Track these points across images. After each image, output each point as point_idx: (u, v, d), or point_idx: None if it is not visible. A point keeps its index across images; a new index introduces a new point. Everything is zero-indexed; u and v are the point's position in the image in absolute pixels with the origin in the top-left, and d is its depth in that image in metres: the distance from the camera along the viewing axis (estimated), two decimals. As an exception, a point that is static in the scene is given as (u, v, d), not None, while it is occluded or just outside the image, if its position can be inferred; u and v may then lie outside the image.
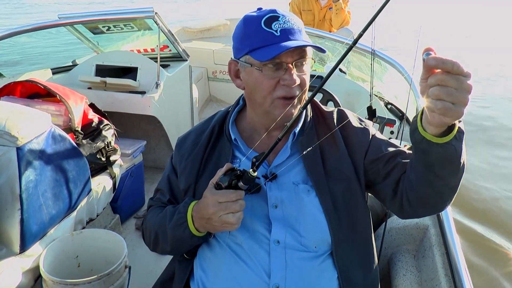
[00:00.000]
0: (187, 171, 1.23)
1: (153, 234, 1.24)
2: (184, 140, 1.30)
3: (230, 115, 1.25)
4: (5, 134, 1.58)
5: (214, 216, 1.02)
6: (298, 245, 1.12)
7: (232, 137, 1.20)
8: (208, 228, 1.08)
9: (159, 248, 1.26)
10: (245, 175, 1.02)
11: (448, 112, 0.79)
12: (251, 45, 1.08)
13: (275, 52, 1.03)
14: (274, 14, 1.07)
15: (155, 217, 1.25)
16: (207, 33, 5.35)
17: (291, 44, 1.04)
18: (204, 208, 1.04)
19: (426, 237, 1.64)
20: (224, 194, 1.02)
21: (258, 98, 1.13)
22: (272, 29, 1.06)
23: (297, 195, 1.13)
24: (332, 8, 4.73)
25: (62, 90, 2.24)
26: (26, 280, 1.68)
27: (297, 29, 1.08)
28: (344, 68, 3.24)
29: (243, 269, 1.11)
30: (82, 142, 2.19)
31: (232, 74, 1.19)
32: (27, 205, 1.64)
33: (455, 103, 0.78)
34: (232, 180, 1.04)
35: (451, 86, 0.77)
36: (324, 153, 1.17)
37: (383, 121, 2.39)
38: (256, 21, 1.07)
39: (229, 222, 1.01)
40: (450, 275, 1.38)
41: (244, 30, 1.10)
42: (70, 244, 1.86)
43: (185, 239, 1.13)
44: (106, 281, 1.66)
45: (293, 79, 1.07)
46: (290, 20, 1.08)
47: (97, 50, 3.47)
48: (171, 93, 3.06)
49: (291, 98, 1.10)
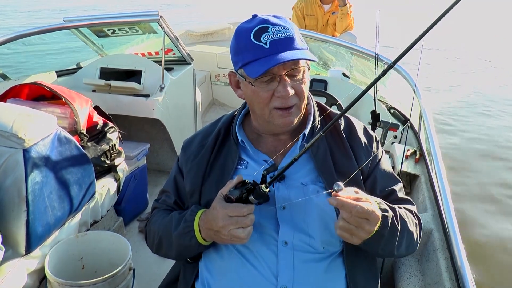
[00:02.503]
0: (193, 173, 1.24)
1: (157, 238, 1.24)
2: (190, 143, 1.31)
3: (237, 118, 1.26)
4: (12, 136, 1.59)
5: (223, 229, 1.02)
6: (306, 246, 1.12)
7: (239, 139, 1.21)
8: (216, 239, 1.09)
9: (163, 252, 1.27)
10: (257, 190, 1.01)
11: (346, 239, 1.00)
12: (243, 59, 1.09)
13: (263, 68, 1.04)
14: (263, 26, 1.06)
15: (160, 221, 1.25)
16: (211, 36, 5.38)
17: (280, 59, 1.03)
18: (214, 220, 1.04)
19: (430, 241, 1.64)
20: (235, 209, 1.02)
21: (256, 109, 1.16)
22: (262, 41, 1.05)
23: (305, 196, 1.13)
24: (336, 12, 4.74)
25: (67, 92, 2.26)
26: (31, 282, 1.68)
27: (288, 37, 1.07)
28: (347, 72, 3.24)
29: (250, 271, 1.11)
30: (87, 145, 2.20)
31: (233, 85, 1.20)
32: (33, 206, 1.65)
33: (352, 236, 0.98)
34: (243, 194, 1.03)
35: (352, 224, 0.96)
36: (334, 155, 1.19)
37: (387, 126, 2.40)
38: (246, 34, 1.07)
39: (239, 236, 1.02)
40: (454, 279, 1.39)
41: (236, 44, 1.11)
42: (74, 246, 1.87)
43: (192, 247, 1.15)
44: (111, 283, 1.66)
45: (287, 91, 1.07)
46: (280, 29, 1.07)
47: (102, 53, 3.49)
48: (175, 97, 3.07)
49: (288, 108, 1.11)
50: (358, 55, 3.38)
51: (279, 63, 1.03)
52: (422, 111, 2.31)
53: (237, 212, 1.01)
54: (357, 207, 0.94)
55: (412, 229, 1.15)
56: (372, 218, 0.97)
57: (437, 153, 1.91)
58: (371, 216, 0.97)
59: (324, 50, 3.95)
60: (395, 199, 1.22)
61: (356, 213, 0.94)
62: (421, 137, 2.43)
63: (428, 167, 2.09)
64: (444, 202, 1.63)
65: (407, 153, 2.33)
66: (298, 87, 1.10)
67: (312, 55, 1.10)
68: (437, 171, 1.81)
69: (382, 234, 1.03)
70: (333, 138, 1.22)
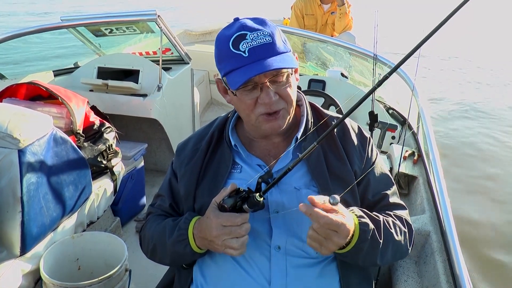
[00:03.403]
0: (187, 178, 1.22)
1: (151, 245, 1.23)
2: (184, 146, 1.30)
3: (229, 121, 1.24)
4: (7, 137, 1.58)
5: (217, 239, 1.01)
6: (299, 251, 1.11)
7: (232, 143, 1.20)
8: (210, 248, 1.08)
9: (157, 259, 1.25)
10: (251, 199, 0.99)
11: (316, 249, 1.00)
12: (224, 67, 1.07)
13: (242, 78, 1.02)
14: (241, 33, 1.04)
15: (154, 227, 1.23)
16: (209, 36, 5.36)
17: (259, 69, 1.01)
18: (207, 229, 1.03)
19: (428, 243, 1.63)
20: (229, 218, 1.00)
21: (243, 116, 1.15)
22: (240, 50, 1.03)
23: (298, 200, 1.11)
24: (335, 12, 4.73)
25: (64, 92, 2.24)
26: (26, 283, 1.67)
27: (267, 43, 1.04)
28: (346, 72, 3.23)
29: (243, 276, 1.10)
30: (84, 145, 2.19)
31: (221, 91, 1.18)
32: (28, 207, 1.64)
33: (321, 247, 0.98)
34: (237, 202, 1.01)
35: (320, 235, 0.97)
36: (328, 158, 1.17)
37: (385, 127, 2.39)
38: (225, 42, 1.05)
39: (232, 247, 1.00)
40: (451, 282, 1.38)
41: (217, 52, 1.09)
42: (70, 247, 1.86)
43: (186, 255, 1.14)
44: (107, 284, 1.65)
45: (269, 98, 1.06)
46: (259, 35, 1.03)
47: (99, 53, 3.48)
48: (172, 96, 3.06)
49: (275, 113, 1.09)
50: (356, 55, 3.37)
51: (258, 74, 1.01)
52: (420, 112, 2.30)
53: (231, 221, 0.99)
54: (325, 218, 0.95)
55: (399, 238, 1.14)
56: (341, 230, 0.97)
57: (435, 154, 1.90)
58: (340, 229, 0.97)
59: (323, 50, 3.94)
60: (386, 204, 1.21)
61: (324, 224, 0.95)
62: (419, 138, 2.42)
63: (426, 168, 2.08)
64: (442, 204, 1.62)
65: (405, 154, 2.32)
66: (283, 92, 1.08)
67: (292, 60, 1.07)
68: (435, 172, 1.80)
69: (361, 248, 1.04)
70: (327, 141, 1.19)
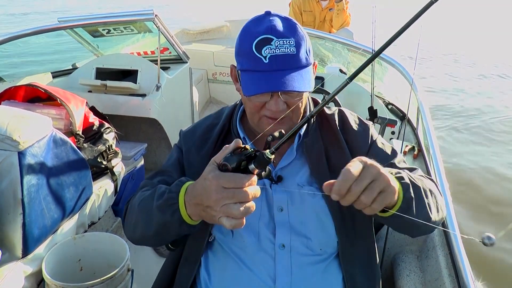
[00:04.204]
0: (197, 167, 1.16)
1: (135, 213, 1.06)
2: (191, 134, 1.25)
3: (236, 113, 1.23)
4: (7, 139, 1.58)
5: (215, 204, 0.80)
6: (303, 249, 1.11)
7: (241, 135, 1.18)
8: (205, 217, 0.88)
9: (139, 231, 1.06)
10: (259, 156, 0.81)
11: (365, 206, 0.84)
12: (242, 64, 1.05)
13: (256, 89, 1.01)
14: (267, 36, 1.01)
15: (144, 195, 1.07)
16: (207, 35, 5.35)
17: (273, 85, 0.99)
18: (205, 193, 0.83)
19: (430, 237, 1.63)
20: (232, 178, 0.80)
21: (248, 112, 1.14)
22: (262, 54, 1.00)
23: (302, 197, 1.12)
24: (333, 9, 4.73)
25: (62, 93, 2.24)
26: (29, 285, 1.67)
27: (290, 54, 1.01)
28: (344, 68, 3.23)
29: (247, 275, 1.10)
30: (83, 146, 2.19)
31: (233, 77, 1.17)
32: (29, 209, 1.64)
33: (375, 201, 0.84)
34: (242, 161, 0.82)
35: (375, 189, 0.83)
36: (329, 155, 1.17)
37: (384, 122, 2.39)
38: (249, 40, 1.02)
39: (232, 214, 0.78)
40: (454, 275, 1.38)
41: (239, 44, 1.07)
42: (72, 247, 1.86)
43: (173, 225, 0.94)
44: (109, 284, 1.65)
45: (277, 107, 1.04)
46: (284, 44, 1.00)
47: (97, 53, 3.47)
48: (171, 96, 3.06)
49: (277, 118, 1.07)
50: (355, 51, 3.37)
51: (273, 91, 1.00)
52: (420, 106, 2.30)
53: (235, 182, 0.79)
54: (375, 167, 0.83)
55: (431, 186, 1.07)
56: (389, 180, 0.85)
57: (435, 149, 1.90)
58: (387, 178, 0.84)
59: (321, 46, 3.94)
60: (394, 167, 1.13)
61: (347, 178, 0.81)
62: (419, 133, 2.42)
63: (427, 163, 2.08)
64: (444, 197, 1.62)
65: (405, 149, 2.32)
66: (292, 102, 1.06)
67: (310, 80, 1.04)
68: (435, 166, 1.80)
69: (409, 198, 0.93)
70: (328, 135, 1.19)
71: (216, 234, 1.16)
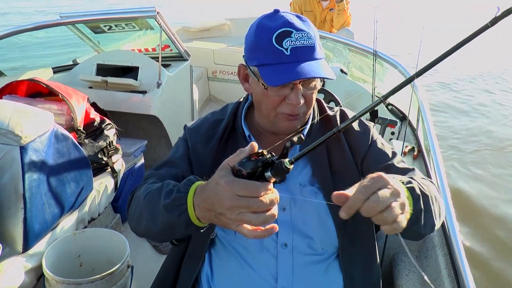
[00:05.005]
0: (199, 165, 1.17)
1: (140, 206, 1.02)
2: (197, 129, 1.23)
3: (241, 111, 1.22)
4: (9, 133, 1.58)
5: (229, 212, 0.76)
6: (305, 248, 1.11)
7: (246, 133, 1.18)
8: (217, 223, 0.83)
9: (143, 225, 1.02)
10: (278, 165, 0.75)
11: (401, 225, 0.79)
12: (260, 59, 1.04)
13: (282, 80, 1.00)
14: (287, 29, 1.01)
15: (151, 187, 1.03)
16: (207, 33, 5.35)
17: (300, 73, 0.99)
18: (217, 199, 0.78)
19: (429, 237, 1.64)
20: (248, 186, 0.75)
21: (263, 109, 1.12)
22: (283, 47, 1.00)
23: (303, 196, 1.12)
24: (334, 9, 4.73)
25: (64, 89, 2.24)
26: (29, 279, 1.67)
27: (309, 45, 1.02)
28: (345, 68, 3.24)
29: (249, 273, 1.10)
30: (84, 142, 2.19)
31: (241, 78, 1.16)
32: (30, 204, 1.64)
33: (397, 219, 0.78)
34: (258, 168, 0.77)
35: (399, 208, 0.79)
36: (331, 155, 1.17)
37: (385, 122, 2.40)
38: (267, 34, 1.02)
39: (249, 221, 0.75)
40: (453, 276, 1.39)
41: (255, 40, 1.05)
42: (72, 243, 1.86)
43: (179, 226, 0.90)
44: (109, 280, 1.66)
45: (298, 100, 1.05)
46: (303, 36, 1.01)
47: (98, 50, 3.47)
48: (172, 93, 3.06)
49: (295, 115, 1.09)
50: (355, 51, 3.37)
51: (301, 78, 1.00)
52: (420, 107, 2.31)
53: (250, 191, 0.74)
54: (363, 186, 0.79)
55: (435, 191, 1.06)
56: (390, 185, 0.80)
57: (435, 149, 1.91)
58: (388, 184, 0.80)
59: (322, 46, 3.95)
60: (395, 171, 1.13)
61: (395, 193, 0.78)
62: (419, 134, 2.43)
63: (427, 164, 2.09)
64: (443, 198, 1.62)
65: (405, 150, 2.32)
66: (308, 96, 1.08)
67: (330, 69, 1.05)
68: (435, 167, 1.81)
69: (419, 208, 0.93)
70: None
71: (218, 231, 1.16)
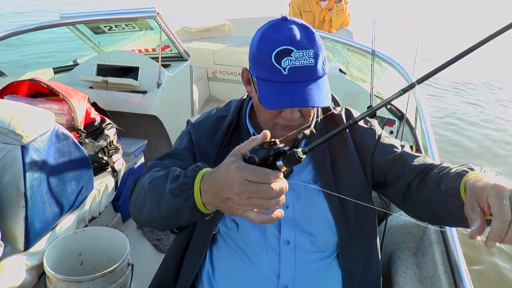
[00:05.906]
0: (207, 155, 1.16)
1: (143, 192, 1.00)
2: (201, 123, 1.23)
3: (245, 109, 1.23)
4: (10, 133, 1.60)
5: (238, 197, 0.75)
6: (308, 245, 1.12)
7: (251, 131, 1.19)
8: (223, 208, 0.81)
9: (146, 211, 0.99)
10: (290, 154, 0.75)
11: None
12: (259, 73, 1.03)
13: (273, 105, 1.00)
14: (288, 48, 0.98)
15: (156, 175, 1.01)
16: (207, 33, 5.36)
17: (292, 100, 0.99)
18: (226, 184, 0.76)
19: (426, 234, 1.65)
20: (259, 172, 0.74)
21: (261, 117, 1.13)
22: (281, 66, 0.98)
23: (307, 195, 1.14)
24: (333, 9, 4.75)
25: (64, 89, 2.26)
26: (30, 277, 1.69)
27: (309, 66, 0.99)
28: (344, 68, 3.25)
29: (252, 270, 1.11)
30: (85, 141, 2.21)
31: (244, 80, 1.16)
32: (32, 202, 1.66)
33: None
34: (270, 156, 0.76)
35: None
36: (334, 153, 1.18)
37: (383, 121, 2.41)
38: (269, 50, 1.00)
39: (261, 205, 0.75)
40: (449, 272, 1.40)
41: (256, 51, 1.04)
42: (73, 242, 1.88)
43: (185, 211, 0.88)
44: (110, 278, 1.67)
45: (293, 117, 1.05)
46: (304, 55, 0.99)
47: (99, 50, 3.48)
48: (172, 93, 3.08)
49: (291, 126, 1.08)
50: (354, 51, 3.39)
51: (293, 107, 1.00)
52: (418, 106, 2.32)
53: (261, 177, 0.73)
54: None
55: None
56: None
57: (433, 148, 1.92)
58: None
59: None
60: (410, 157, 1.15)
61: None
62: (417, 132, 2.44)
63: None
64: None
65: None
66: (306, 112, 1.08)
67: (327, 93, 1.04)
68: None
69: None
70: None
71: (221, 227, 1.16)
